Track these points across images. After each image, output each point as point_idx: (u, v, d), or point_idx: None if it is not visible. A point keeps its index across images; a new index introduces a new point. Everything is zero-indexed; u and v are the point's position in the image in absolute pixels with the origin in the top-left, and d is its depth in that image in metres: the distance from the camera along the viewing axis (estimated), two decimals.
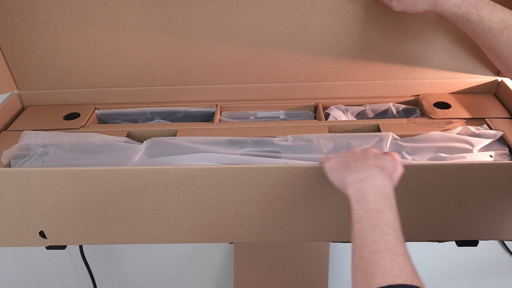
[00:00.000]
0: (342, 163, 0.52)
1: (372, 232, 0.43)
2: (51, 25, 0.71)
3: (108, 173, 0.58)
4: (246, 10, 0.69)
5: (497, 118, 0.70)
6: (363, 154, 0.52)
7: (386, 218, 0.44)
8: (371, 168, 0.49)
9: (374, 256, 0.41)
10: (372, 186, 0.47)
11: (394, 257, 0.40)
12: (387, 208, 0.45)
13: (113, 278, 1.30)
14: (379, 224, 0.43)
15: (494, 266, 1.20)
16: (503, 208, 0.61)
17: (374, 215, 0.44)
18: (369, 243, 0.42)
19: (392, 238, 0.42)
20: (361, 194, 0.47)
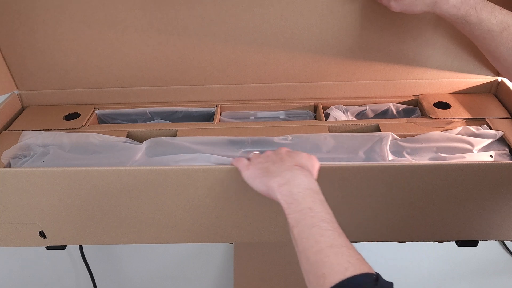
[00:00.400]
0: (261, 169, 0.52)
1: (310, 232, 0.43)
2: (50, 26, 0.71)
3: (108, 173, 0.58)
4: (246, 10, 0.69)
5: (497, 118, 0.70)
6: (278, 156, 0.53)
7: (320, 215, 0.45)
8: (292, 169, 0.50)
9: (319, 256, 0.41)
10: (298, 186, 0.47)
11: (337, 251, 0.41)
12: (319, 204, 0.46)
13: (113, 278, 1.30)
14: (315, 222, 0.44)
15: (494, 266, 1.20)
16: (503, 208, 0.61)
17: (308, 215, 0.45)
18: (311, 244, 0.42)
19: (331, 232, 0.43)
20: (291, 196, 0.47)
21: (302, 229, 0.44)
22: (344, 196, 0.60)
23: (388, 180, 0.58)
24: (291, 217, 0.46)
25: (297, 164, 0.51)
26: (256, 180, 0.52)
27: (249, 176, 0.53)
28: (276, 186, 0.48)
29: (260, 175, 0.51)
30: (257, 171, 0.52)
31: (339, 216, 0.62)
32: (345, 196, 0.60)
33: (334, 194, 0.60)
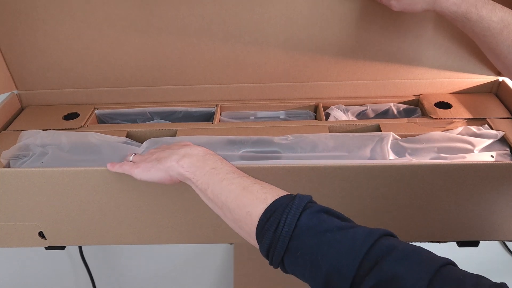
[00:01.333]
0: (152, 160, 0.52)
1: (221, 186, 0.45)
2: (50, 25, 0.71)
3: (108, 174, 0.58)
4: (246, 10, 0.69)
5: (498, 118, 0.70)
6: (162, 148, 0.54)
7: (225, 169, 0.47)
8: (183, 146, 0.51)
9: (238, 201, 0.43)
10: (197, 156, 0.49)
11: (251, 189, 0.43)
12: (219, 162, 0.48)
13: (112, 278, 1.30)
14: (222, 176, 0.46)
15: (495, 266, 1.20)
16: (504, 209, 0.61)
17: (213, 173, 0.47)
18: (227, 195, 0.44)
19: (239, 178, 0.45)
20: (192, 165, 0.48)
21: (213, 188, 0.46)
22: (344, 196, 0.60)
23: (389, 180, 0.58)
24: (200, 183, 0.47)
25: (183, 145, 0.53)
26: (151, 170, 0.52)
27: (142, 171, 0.52)
28: (175, 162, 0.49)
29: (154, 164, 0.51)
30: (148, 163, 0.52)
31: None
32: (345, 196, 0.60)
33: (334, 194, 0.59)
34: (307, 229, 0.39)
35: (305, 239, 0.39)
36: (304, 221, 0.39)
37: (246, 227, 0.43)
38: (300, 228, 0.39)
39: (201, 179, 0.47)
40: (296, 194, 0.42)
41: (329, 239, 0.38)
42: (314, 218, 0.40)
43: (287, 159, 0.64)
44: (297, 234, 0.39)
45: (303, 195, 0.42)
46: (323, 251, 0.37)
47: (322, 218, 0.40)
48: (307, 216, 0.40)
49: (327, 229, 0.39)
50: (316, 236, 0.38)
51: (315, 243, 0.38)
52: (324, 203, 0.60)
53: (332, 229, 0.39)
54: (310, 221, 0.39)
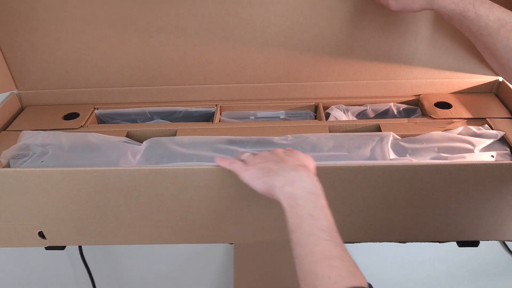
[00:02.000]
0: (263, 169, 0.51)
1: (308, 240, 0.44)
2: (50, 25, 0.71)
3: (108, 174, 0.58)
4: (246, 10, 0.69)
5: (498, 118, 0.69)
6: (277, 156, 0.53)
7: (320, 223, 0.45)
8: (296, 169, 0.50)
9: (313, 267, 0.42)
10: (302, 189, 0.47)
11: (330, 263, 0.41)
12: (319, 210, 0.46)
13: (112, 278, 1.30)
14: (314, 230, 0.44)
15: (495, 266, 1.20)
16: (504, 209, 0.60)
17: (307, 221, 0.45)
18: (307, 253, 0.43)
19: (327, 242, 0.43)
20: (293, 199, 0.47)
21: (300, 235, 0.45)
22: (345, 196, 0.60)
23: (389, 180, 0.58)
24: (291, 222, 0.46)
25: (301, 164, 0.51)
26: (258, 180, 0.51)
27: (250, 177, 0.52)
28: (280, 186, 0.48)
29: (262, 175, 0.51)
30: (258, 171, 0.52)
31: (339, 216, 0.62)
32: (345, 196, 0.60)
33: (334, 194, 0.59)
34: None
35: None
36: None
37: (320, 285, 0.41)
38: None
39: (295, 220, 0.46)
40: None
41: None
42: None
43: None
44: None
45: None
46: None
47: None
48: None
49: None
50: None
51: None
52: None
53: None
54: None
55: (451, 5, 0.55)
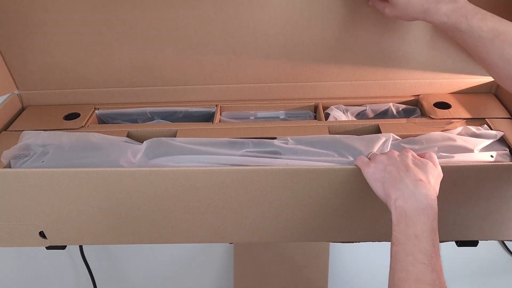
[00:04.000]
0: (384, 172, 0.51)
1: (406, 258, 0.44)
2: (50, 27, 0.71)
3: (108, 174, 0.58)
4: (246, 11, 0.69)
5: (498, 118, 0.70)
6: (404, 162, 0.52)
7: (423, 246, 0.45)
8: (417, 185, 0.48)
9: (403, 285, 0.43)
10: (415, 209, 0.47)
11: (420, 287, 0.42)
12: (427, 233, 0.46)
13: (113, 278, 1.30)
14: (414, 251, 0.44)
15: (494, 266, 1.20)
16: (504, 209, 0.61)
17: (411, 241, 0.45)
18: (401, 269, 0.44)
19: (424, 266, 0.43)
20: (403, 216, 0.47)
21: (399, 251, 0.45)
22: (346, 197, 0.60)
23: None
24: (395, 235, 0.46)
25: (424, 179, 0.50)
26: (376, 182, 0.52)
27: (370, 176, 0.53)
28: (394, 198, 0.48)
29: (382, 179, 0.51)
30: (379, 173, 0.52)
31: (341, 217, 0.62)
32: (346, 197, 0.60)
33: (334, 196, 0.60)
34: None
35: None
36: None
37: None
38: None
39: (399, 235, 0.46)
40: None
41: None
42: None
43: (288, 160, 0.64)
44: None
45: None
46: None
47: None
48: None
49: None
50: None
51: None
52: (325, 204, 0.61)
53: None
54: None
55: (443, 18, 0.55)
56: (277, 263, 1.16)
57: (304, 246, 1.14)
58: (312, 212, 0.62)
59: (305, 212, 0.62)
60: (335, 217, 0.62)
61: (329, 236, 0.66)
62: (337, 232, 0.65)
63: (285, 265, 1.16)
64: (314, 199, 0.60)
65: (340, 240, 0.67)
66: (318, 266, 1.15)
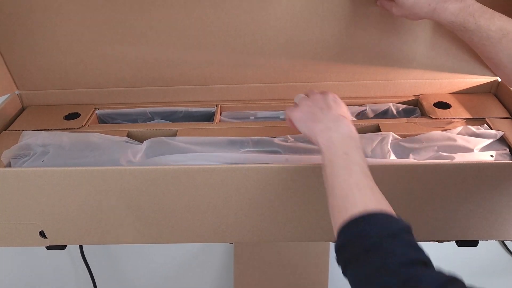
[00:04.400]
0: (308, 113, 0.55)
1: (341, 172, 0.47)
2: (49, 28, 0.71)
3: (108, 173, 0.58)
4: (246, 12, 0.69)
5: (497, 118, 0.70)
6: (326, 102, 0.56)
7: (354, 159, 0.48)
8: (337, 118, 0.53)
9: (345, 192, 0.46)
10: (340, 134, 0.51)
11: (362, 191, 0.45)
12: (354, 150, 0.49)
13: (113, 278, 1.30)
14: (348, 164, 0.48)
15: (495, 266, 1.20)
16: (504, 208, 0.61)
17: (342, 158, 0.49)
18: (340, 181, 0.47)
19: (360, 174, 0.47)
20: (329, 141, 0.51)
21: (334, 169, 0.48)
22: None
23: (388, 180, 0.58)
24: (326, 159, 0.50)
25: (342, 114, 0.55)
26: (301, 123, 0.56)
27: (295, 119, 0.57)
28: (319, 131, 0.52)
29: (307, 119, 0.55)
30: (305, 114, 0.56)
31: None
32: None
33: None
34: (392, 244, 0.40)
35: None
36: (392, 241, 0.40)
37: (335, 219, 0.45)
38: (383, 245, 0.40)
39: (330, 156, 0.50)
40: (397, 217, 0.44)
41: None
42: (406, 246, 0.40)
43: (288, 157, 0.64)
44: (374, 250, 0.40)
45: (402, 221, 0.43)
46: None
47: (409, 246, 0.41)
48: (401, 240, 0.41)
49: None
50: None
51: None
52: (324, 203, 0.61)
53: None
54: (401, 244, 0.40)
55: (451, 17, 0.55)
56: (277, 263, 1.16)
57: (304, 246, 1.14)
58: (312, 210, 0.62)
59: (305, 211, 0.62)
60: None
61: (329, 236, 0.66)
62: None
63: (285, 265, 1.16)
64: (314, 197, 0.60)
65: None
66: (318, 266, 1.15)
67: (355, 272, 0.41)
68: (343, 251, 0.43)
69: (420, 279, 0.36)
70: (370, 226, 0.42)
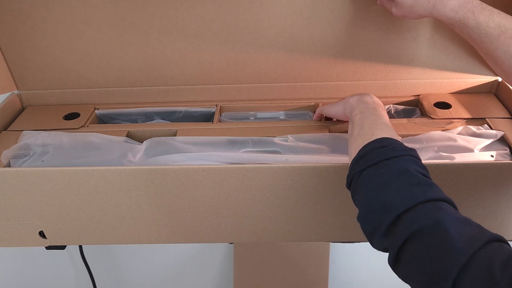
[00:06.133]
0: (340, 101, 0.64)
1: (372, 116, 0.53)
2: (50, 25, 0.71)
3: (108, 173, 0.58)
4: (246, 10, 0.69)
5: (498, 118, 0.70)
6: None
7: (381, 113, 0.54)
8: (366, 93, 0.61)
9: (374, 127, 0.51)
10: (370, 97, 0.59)
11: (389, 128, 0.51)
12: (382, 110, 0.56)
13: (113, 278, 1.30)
14: (376, 113, 0.54)
15: None
16: (504, 208, 0.61)
17: (371, 110, 0.55)
18: (368, 121, 0.52)
19: (387, 122, 0.52)
20: (360, 100, 0.59)
21: (364, 114, 0.54)
22: (345, 196, 0.60)
23: None
24: (357, 111, 0.56)
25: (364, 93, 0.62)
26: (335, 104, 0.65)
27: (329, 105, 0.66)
28: (349, 97, 0.61)
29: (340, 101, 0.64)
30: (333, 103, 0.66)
31: (340, 215, 0.62)
32: (345, 196, 0.60)
33: (334, 194, 0.60)
34: (402, 161, 0.44)
35: (396, 164, 0.44)
36: (406, 158, 0.44)
37: (361, 140, 0.49)
38: (398, 158, 0.44)
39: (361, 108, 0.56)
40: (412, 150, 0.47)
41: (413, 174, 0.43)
42: (413, 164, 0.44)
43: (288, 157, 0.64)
44: (393, 160, 0.44)
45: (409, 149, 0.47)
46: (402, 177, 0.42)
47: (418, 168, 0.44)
48: (410, 158, 0.45)
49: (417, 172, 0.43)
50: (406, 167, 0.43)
51: (401, 170, 0.43)
52: (324, 203, 0.61)
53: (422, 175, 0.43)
54: (410, 161, 0.44)
55: (450, 13, 0.56)
56: (277, 263, 1.16)
57: (304, 246, 1.14)
58: (312, 210, 0.61)
59: (305, 211, 0.62)
60: (336, 216, 0.62)
61: (329, 236, 0.66)
62: (337, 232, 0.65)
63: (285, 265, 1.16)
64: (314, 197, 0.60)
65: (340, 240, 0.67)
66: (318, 266, 1.15)
67: (372, 173, 0.44)
68: (362, 160, 0.46)
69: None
70: (395, 143, 0.46)
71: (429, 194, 0.39)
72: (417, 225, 0.37)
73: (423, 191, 0.40)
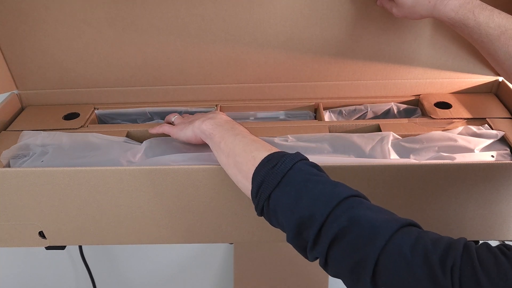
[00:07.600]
0: (186, 123, 0.62)
1: (234, 138, 0.52)
2: (50, 25, 0.71)
3: (108, 173, 0.58)
4: (246, 10, 0.69)
5: (498, 118, 0.70)
6: (198, 114, 0.64)
7: (241, 130, 0.55)
8: (213, 114, 0.61)
9: (246, 148, 0.50)
10: (220, 118, 0.59)
11: (261, 143, 0.50)
12: (237, 125, 0.56)
13: (113, 278, 1.30)
14: (237, 133, 0.53)
15: None
16: (504, 209, 0.61)
17: (230, 131, 0.54)
18: (237, 144, 0.51)
19: (252, 137, 0.52)
20: (214, 124, 0.57)
21: (227, 140, 0.53)
22: None
23: (388, 180, 0.58)
24: (216, 137, 0.55)
25: (213, 112, 0.62)
26: (183, 129, 0.61)
27: (177, 130, 0.63)
28: (201, 122, 0.58)
29: (187, 125, 0.61)
30: (183, 124, 0.62)
31: None
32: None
33: None
34: (299, 171, 0.45)
35: (296, 176, 0.44)
36: (299, 165, 0.45)
37: (245, 167, 0.48)
38: (294, 169, 0.45)
39: (218, 133, 0.55)
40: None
41: (316, 180, 0.44)
42: (308, 167, 0.46)
43: None
44: (290, 173, 0.45)
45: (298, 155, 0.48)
46: (308, 187, 0.43)
47: (314, 170, 0.46)
48: (302, 163, 0.46)
49: (316, 174, 0.45)
50: (305, 175, 0.44)
51: (303, 179, 0.44)
52: None
53: (321, 175, 0.45)
54: (304, 166, 0.45)
55: (451, 13, 0.56)
56: (277, 263, 1.16)
57: None
58: None
59: None
60: None
61: None
62: None
63: (285, 265, 1.16)
64: None
65: None
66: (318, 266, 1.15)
67: (279, 195, 0.44)
68: (263, 186, 0.45)
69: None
70: (279, 156, 0.46)
71: (337, 196, 0.41)
72: (335, 230, 0.39)
73: (331, 194, 0.42)
